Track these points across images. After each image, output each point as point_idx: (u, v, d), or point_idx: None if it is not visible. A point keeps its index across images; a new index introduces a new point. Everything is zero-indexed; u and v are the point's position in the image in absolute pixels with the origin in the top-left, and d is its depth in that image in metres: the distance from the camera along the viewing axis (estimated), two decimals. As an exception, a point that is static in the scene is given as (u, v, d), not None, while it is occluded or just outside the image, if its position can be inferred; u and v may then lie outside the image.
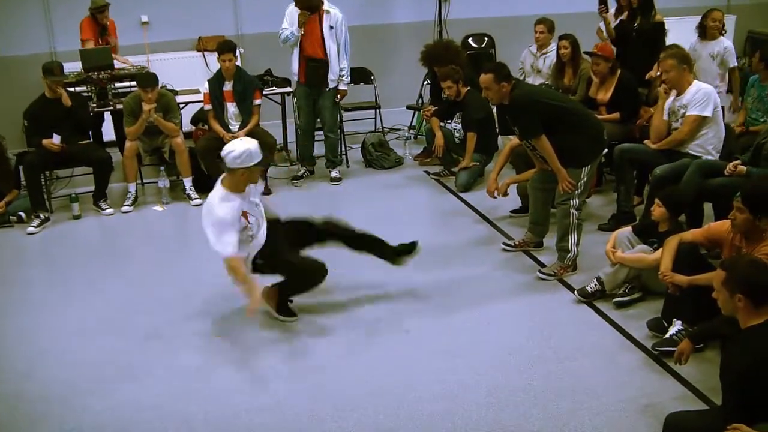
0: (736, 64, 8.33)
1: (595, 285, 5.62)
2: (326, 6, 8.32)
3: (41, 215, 7.71)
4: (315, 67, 8.38)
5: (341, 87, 8.60)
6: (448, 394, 4.62)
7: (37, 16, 10.01)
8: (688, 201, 5.92)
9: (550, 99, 6.06)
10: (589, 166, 5.91)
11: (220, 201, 5.16)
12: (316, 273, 5.42)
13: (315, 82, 8.46)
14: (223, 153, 5.20)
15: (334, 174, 8.88)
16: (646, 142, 6.81)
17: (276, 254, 5.40)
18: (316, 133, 8.93)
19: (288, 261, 5.43)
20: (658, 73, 6.93)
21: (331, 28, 8.33)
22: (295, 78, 8.55)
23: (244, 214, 5.21)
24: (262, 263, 5.41)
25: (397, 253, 5.91)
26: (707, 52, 8.23)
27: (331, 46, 8.36)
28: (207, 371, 4.99)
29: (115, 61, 8.90)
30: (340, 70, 8.48)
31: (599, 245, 6.04)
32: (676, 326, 4.90)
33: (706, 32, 8.28)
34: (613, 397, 4.51)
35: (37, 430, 4.47)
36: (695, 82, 6.56)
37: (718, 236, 5.01)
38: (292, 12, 8.28)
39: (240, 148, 5.13)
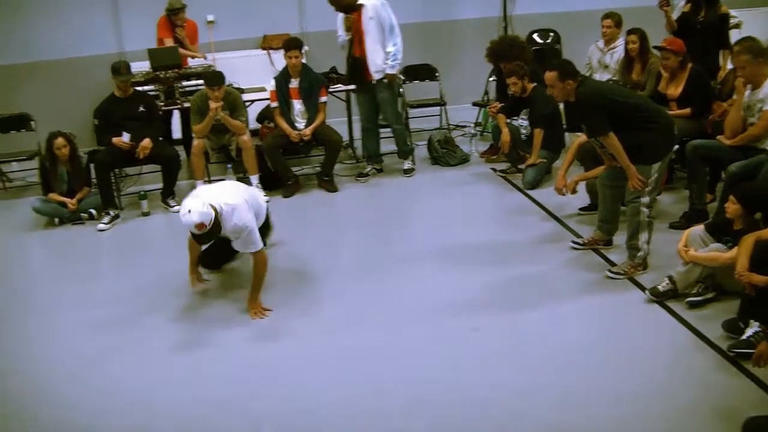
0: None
1: (667, 284, 5.50)
2: (360, 0, 8.28)
3: (111, 212, 7.84)
4: (353, 66, 8.46)
5: (388, 71, 8.45)
6: (518, 393, 4.56)
7: (106, 17, 10.21)
8: (764, 197, 5.76)
9: (617, 95, 5.94)
10: (659, 163, 5.79)
11: (245, 211, 5.60)
12: None
13: (356, 81, 8.53)
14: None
15: (406, 165, 8.89)
16: (719, 137, 6.65)
17: None
18: (381, 130, 8.94)
19: None
20: (730, 67, 6.78)
21: (371, 18, 8.28)
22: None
23: None
24: None
25: None
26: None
27: (368, 40, 8.31)
28: (281, 363, 5.02)
29: (191, 59, 9.09)
30: (387, 54, 8.39)
31: (671, 244, 5.91)
32: (754, 327, 4.76)
33: None
34: (686, 400, 4.40)
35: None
36: (772, 75, 6.37)
37: (798, 235, 4.87)
38: (341, 18, 8.34)
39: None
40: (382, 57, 8.38)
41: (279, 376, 4.92)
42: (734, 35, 8.04)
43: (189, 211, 5.18)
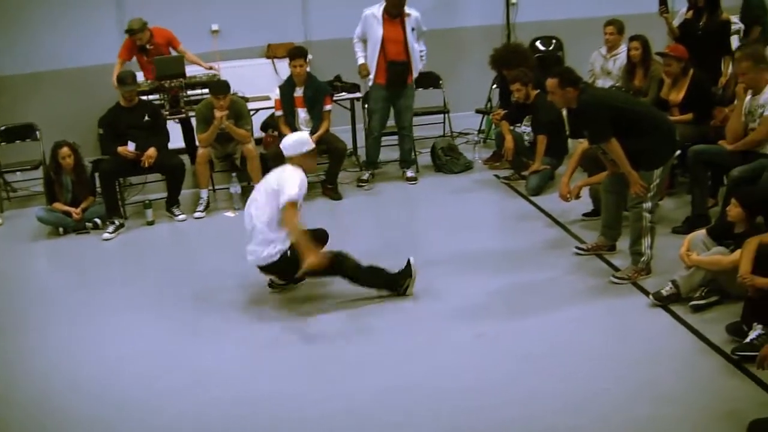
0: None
1: (671, 288, 5.52)
2: (407, 10, 8.40)
3: (116, 221, 7.87)
4: (397, 70, 8.50)
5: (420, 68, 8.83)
6: (523, 399, 4.58)
7: (111, 27, 10.21)
8: (766, 200, 5.78)
9: (619, 102, 5.99)
10: (661, 168, 5.82)
11: (290, 170, 5.81)
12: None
13: (397, 84, 8.57)
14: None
15: (410, 173, 8.95)
16: (721, 142, 6.67)
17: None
18: (383, 138, 9.01)
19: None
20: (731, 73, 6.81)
21: (413, 29, 8.45)
22: (370, 81, 8.65)
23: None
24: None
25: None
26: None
27: (414, 48, 8.52)
28: (285, 370, 5.05)
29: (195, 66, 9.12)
30: (420, 52, 8.72)
31: (673, 248, 5.93)
32: (757, 330, 4.78)
33: None
34: (692, 403, 4.42)
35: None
36: (774, 80, 6.41)
37: (801, 238, 4.90)
38: (369, 17, 8.45)
39: (295, 135, 5.83)
40: (420, 66, 8.75)
41: (285, 382, 4.95)
42: (735, 41, 8.08)
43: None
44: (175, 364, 5.23)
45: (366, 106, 9.14)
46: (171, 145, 8.50)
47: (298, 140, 5.91)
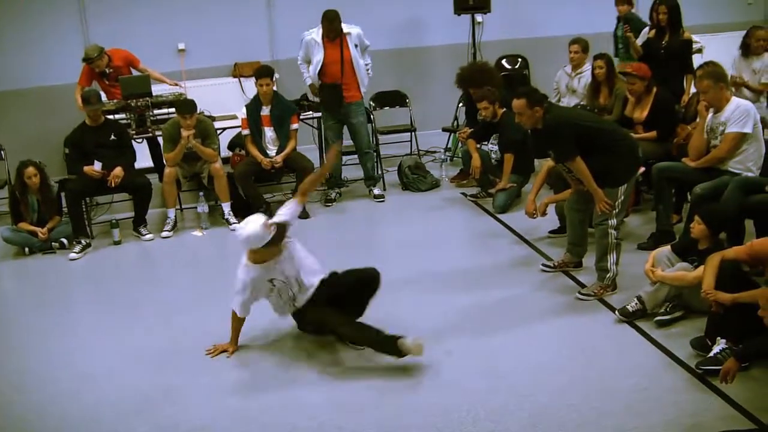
0: (772, 81, 8.32)
1: (636, 304, 5.58)
2: (346, 29, 8.45)
3: (83, 241, 7.82)
4: (329, 93, 8.57)
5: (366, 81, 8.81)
6: (491, 415, 4.58)
7: (77, 46, 10.16)
8: (728, 217, 5.88)
9: (584, 120, 6.05)
10: (625, 185, 5.88)
11: (241, 266, 5.35)
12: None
13: (332, 105, 8.63)
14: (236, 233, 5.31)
15: (377, 191, 8.99)
16: (684, 160, 6.76)
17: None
18: (347, 157, 9.03)
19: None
20: (694, 90, 6.92)
21: (356, 46, 8.49)
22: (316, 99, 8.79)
23: (270, 281, 5.31)
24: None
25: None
26: (750, 68, 8.23)
27: (360, 66, 8.56)
28: (251, 392, 5.03)
29: (162, 84, 9.08)
30: (366, 65, 8.71)
31: (639, 265, 6.00)
32: (721, 345, 4.83)
33: (749, 50, 8.30)
34: (658, 417, 4.45)
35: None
36: (733, 98, 6.51)
37: (762, 253, 4.95)
38: (311, 43, 8.48)
39: (244, 232, 5.13)
40: (366, 79, 8.72)
41: (253, 403, 4.92)
42: (697, 60, 8.21)
43: (245, 224, 5.16)
44: (135, 386, 5.17)
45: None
46: (138, 165, 8.48)
47: (254, 235, 5.10)
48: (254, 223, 5.11)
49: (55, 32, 10.17)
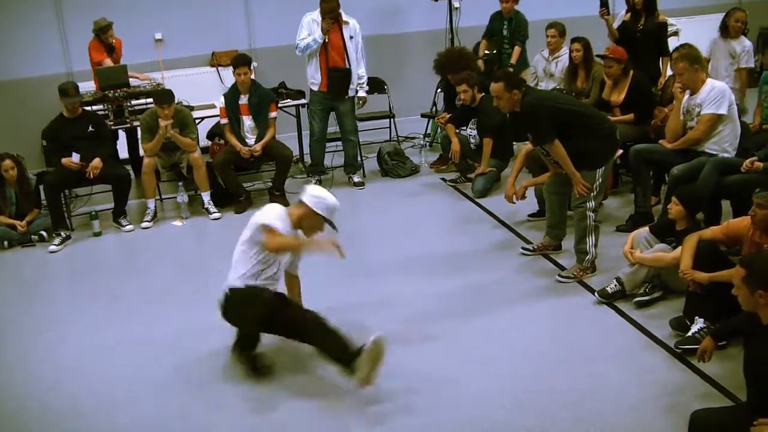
0: (752, 65, 8.37)
1: (615, 285, 5.62)
2: (345, 17, 8.43)
3: (62, 233, 7.78)
4: (338, 76, 8.51)
5: (360, 94, 8.79)
6: (473, 398, 4.63)
7: (53, 38, 10.14)
8: (704, 198, 5.92)
9: (561, 103, 6.08)
10: (603, 168, 5.92)
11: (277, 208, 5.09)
12: None
13: (337, 91, 8.57)
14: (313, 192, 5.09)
15: (357, 179, 8.99)
16: (661, 141, 6.80)
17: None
18: (328, 144, 9.03)
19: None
20: (671, 72, 6.95)
21: (351, 38, 8.49)
22: (314, 87, 8.64)
23: None
24: None
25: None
26: (727, 50, 8.29)
27: (352, 55, 8.54)
28: (230, 383, 5.03)
29: (131, 79, 8.99)
30: (359, 77, 8.67)
31: (617, 246, 6.05)
32: (699, 324, 4.90)
33: (728, 31, 8.34)
34: (637, 396, 4.52)
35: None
36: (709, 80, 6.55)
37: (738, 233, 5.03)
38: (311, 22, 8.37)
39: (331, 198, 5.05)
40: (356, 78, 8.65)
41: (237, 393, 4.93)
42: (673, 42, 8.25)
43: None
44: (117, 377, 5.17)
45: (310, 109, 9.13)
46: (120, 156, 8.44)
47: (327, 203, 5.03)
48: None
49: (30, 24, 10.07)
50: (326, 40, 8.36)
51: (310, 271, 5.62)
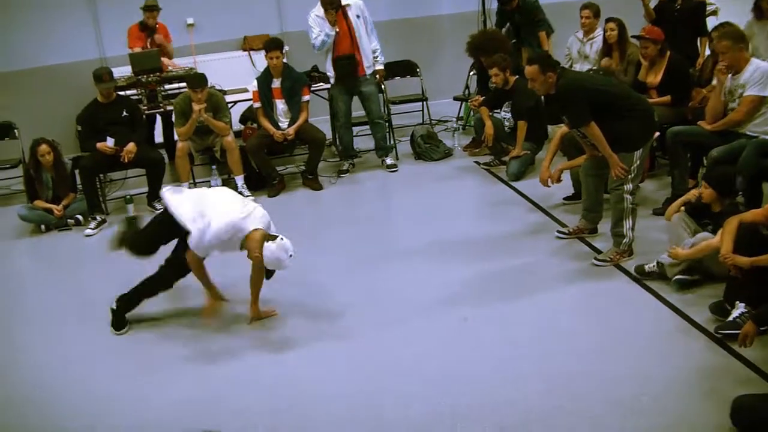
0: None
1: (654, 266, 5.56)
2: (344, 1, 8.38)
3: (98, 217, 7.85)
4: (344, 64, 8.50)
5: (377, 67, 8.75)
6: (508, 381, 4.60)
7: (86, 24, 10.22)
8: (732, 179, 5.79)
9: (598, 85, 6.01)
10: (641, 150, 5.84)
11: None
12: None
13: (346, 77, 8.55)
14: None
15: (389, 161, 8.97)
16: (700, 123, 6.69)
17: None
18: (356, 128, 9.02)
19: None
20: (709, 53, 6.84)
21: (358, 17, 8.44)
22: (332, 80, 8.66)
23: None
24: None
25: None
26: (764, 32, 8.12)
27: (362, 36, 8.50)
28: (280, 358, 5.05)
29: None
30: (373, 51, 8.64)
31: (654, 230, 6.00)
32: (739, 309, 4.82)
33: (763, 13, 8.15)
34: (676, 381, 4.45)
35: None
36: (752, 60, 6.39)
37: (780, 216, 4.94)
38: (316, 19, 8.37)
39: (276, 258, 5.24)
40: (371, 54, 8.58)
41: (272, 374, 4.94)
42: (711, 22, 8.12)
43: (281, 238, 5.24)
44: (151, 362, 5.21)
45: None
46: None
47: (277, 258, 5.26)
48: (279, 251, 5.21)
49: (64, 10, 10.16)
50: (336, 31, 8.34)
51: (346, 250, 5.63)
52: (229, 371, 5.00)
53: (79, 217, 7.91)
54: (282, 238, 5.21)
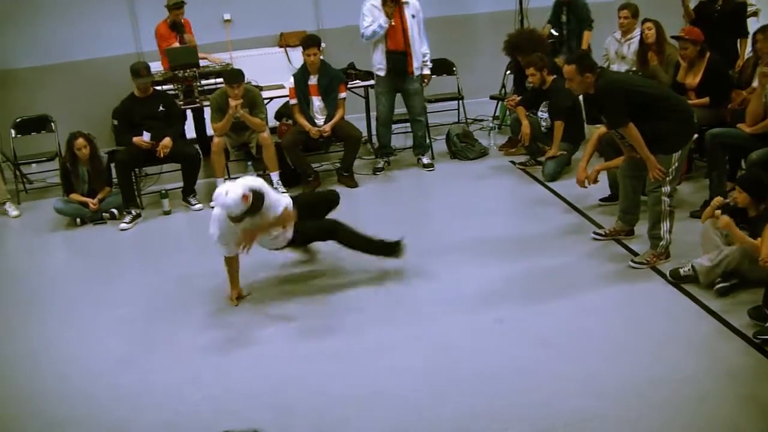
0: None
1: (689, 270, 5.50)
2: None
3: (133, 211, 7.90)
4: (397, 58, 8.44)
5: (425, 71, 8.73)
6: (543, 383, 4.57)
7: (123, 18, 10.28)
8: (766, 183, 5.70)
9: (637, 86, 5.94)
10: (679, 152, 5.77)
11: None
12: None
13: (398, 73, 8.51)
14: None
15: (426, 160, 8.96)
16: (740, 125, 6.62)
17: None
18: (395, 126, 9.01)
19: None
20: (749, 54, 6.76)
21: (413, 17, 8.40)
22: (380, 73, 8.58)
23: None
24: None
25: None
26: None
27: (414, 36, 8.44)
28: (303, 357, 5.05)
29: (201, 60, 9.06)
30: (423, 56, 8.60)
31: (692, 233, 5.93)
32: (780, 314, 4.77)
33: None
34: (713, 386, 4.40)
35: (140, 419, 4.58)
36: (795, 62, 6.34)
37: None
38: (371, 8, 8.31)
39: (223, 200, 5.38)
40: (421, 57, 8.58)
41: (310, 369, 4.95)
42: (752, 23, 8.03)
43: (226, 192, 5.30)
44: (183, 357, 5.23)
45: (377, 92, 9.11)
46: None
47: (233, 205, 5.34)
48: (234, 192, 5.28)
49: (101, 5, 10.23)
50: (391, 23, 8.30)
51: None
52: (253, 363, 5.02)
53: (114, 211, 7.96)
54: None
